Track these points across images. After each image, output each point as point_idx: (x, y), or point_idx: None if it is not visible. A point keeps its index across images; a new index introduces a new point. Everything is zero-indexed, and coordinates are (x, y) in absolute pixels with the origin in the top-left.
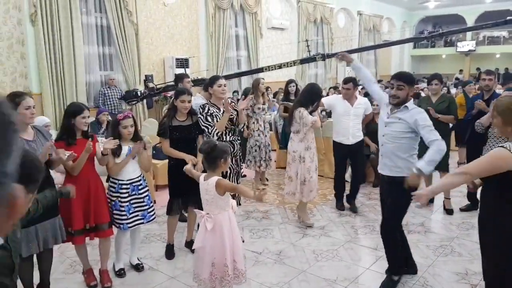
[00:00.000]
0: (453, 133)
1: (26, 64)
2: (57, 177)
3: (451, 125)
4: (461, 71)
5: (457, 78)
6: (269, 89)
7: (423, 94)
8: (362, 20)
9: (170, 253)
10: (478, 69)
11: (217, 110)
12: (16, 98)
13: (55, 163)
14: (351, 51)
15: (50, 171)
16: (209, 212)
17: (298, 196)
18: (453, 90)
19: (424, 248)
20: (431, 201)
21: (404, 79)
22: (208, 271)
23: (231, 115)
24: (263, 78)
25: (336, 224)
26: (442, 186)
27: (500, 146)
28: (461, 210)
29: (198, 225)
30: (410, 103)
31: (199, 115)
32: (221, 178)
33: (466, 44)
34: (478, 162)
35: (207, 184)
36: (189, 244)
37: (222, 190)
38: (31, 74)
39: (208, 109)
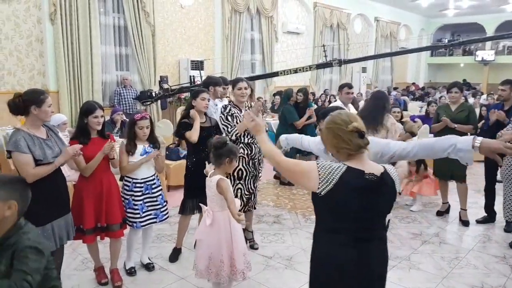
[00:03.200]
0: None
1: (44, 62)
2: (71, 174)
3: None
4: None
5: (474, 88)
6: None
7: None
8: (379, 27)
9: (174, 256)
10: (464, 80)
11: (239, 112)
12: (41, 95)
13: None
14: (369, 58)
15: (62, 168)
16: (211, 208)
17: None
18: (470, 100)
19: (438, 259)
20: (447, 211)
21: None
22: (205, 264)
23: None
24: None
25: None
26: None
27: None
28: (478, 222)
29: None
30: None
31: (220, 115)
32: (224, 178)
33: (486, 54)
34: None
35: (211, 181)
36: None
37: (220, 190)
38: (48, 72)
39: (230, 110)
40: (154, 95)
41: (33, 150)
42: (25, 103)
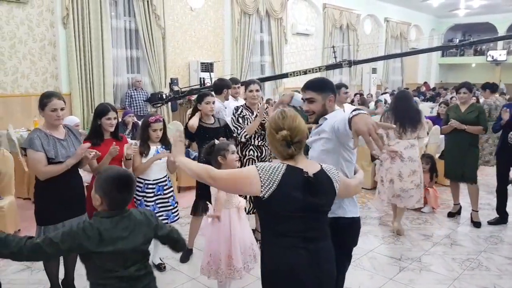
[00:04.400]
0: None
1: (57, 65)
2: (84, 175)
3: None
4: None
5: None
6: None
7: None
8: (389, 27)
9: (186, 256)
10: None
11: (250, 114)
12: (44, 99)
13: (83, 162)
14: (378, 59)
15: (79, 169)
16: (213, 206)
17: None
18: (482, 100)
19: (450, 261)
20: (458, 213)
21: (311, 88)
22: (206, 260)
23: (263, 120)
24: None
25: None
26: None
27: None
28: (489, 223)
29: None
30: (332, 113)
31: (232, 116)
32: None
33: (497, 54)
34: None
35: None
36: None
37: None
38: (61, 75)
39: (241, 111)
40: (164, 97)
41: (47, 149)
42: (38, 105)
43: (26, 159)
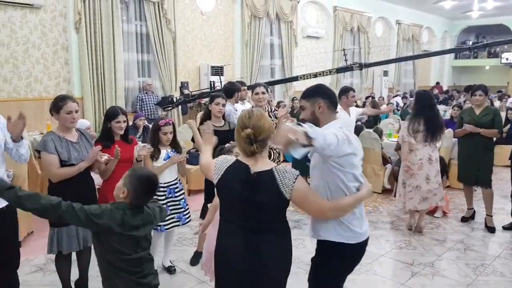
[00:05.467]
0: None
1: (70, 69)
2: (96, 178)
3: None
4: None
5: (499, 91)
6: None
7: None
8: (400, 30)
9: (196, 259)
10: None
11: None
12: (59, 102)
13: (94, 165)
14: (390, 61)
15: (91, 172)
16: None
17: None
18: (496, 103)
19: (463, 266)
20: (472, 217)
21: (302, 96)
22: (205, 257)
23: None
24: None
25: (370, 237)
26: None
27: None
28: (504, 228)
29: None
30: (327, 125)
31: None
32: None
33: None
34: None
35: None
36: None
37: None
38: (73, 79)
39: None
40: (175, 101)
41: (60, 152)
42: (51, 108)
43: (39, 162)
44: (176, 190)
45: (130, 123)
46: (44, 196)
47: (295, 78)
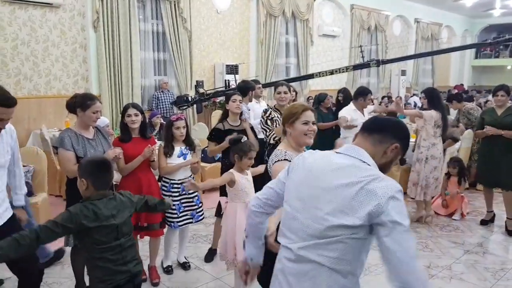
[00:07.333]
0: None
1: (88, 67)
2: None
3: None
4: None
5: None
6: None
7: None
8: (419, 28)
9: (210, 257)
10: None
11: (279, 116)
12: (88, 100)
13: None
14: (408, 58)
15: None
16: (228, 200)
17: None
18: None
19: (482, 270)
20: (492, 220)
21: (375, 126)
22: (221, 247)
23: None
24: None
25: None
26: None
27: None
28: None
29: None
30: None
31: (261, 118)
32: (230, 172)
33: None
34: None
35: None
36: None
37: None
38: (91, 77)
39: (270, 113)
40: (190, 100)
41: (76, 148)
42: (75, 105)
43: (58, 158)
44: None
45: (147, 121)
46: (18, 237)
47: (310, 76)
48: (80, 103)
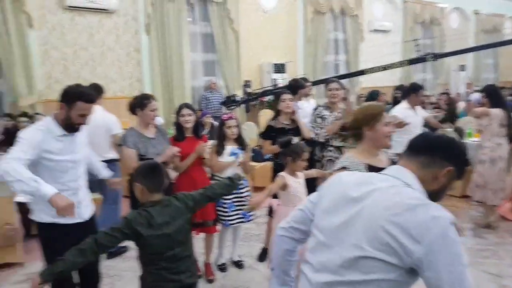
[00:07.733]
0: None
1: (141, 70)
2: (170, 172)
3: None
4: None
5: None
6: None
7: None
8: (479, 20)
9: (263, 256)
10: None
11: (329, 113)
12: (144, 100)
13: (169, 161)
14: (467, 50)
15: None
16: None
17: None
18: None
19: None
20: None
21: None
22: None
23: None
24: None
25: None
26: None
27: None
28: None
29: None
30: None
31: (311, 116)
32: (281, 175)
33: None
34: None
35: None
36: None
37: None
38: (144, 79)
39: (320, 111)
40: (237, 100)
41: (139, 147)
42: (134, 105)
43: (120, 155)
44: (241, 186)
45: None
46: (82, 247)
47: (361, 72)
48: (138, 103)
